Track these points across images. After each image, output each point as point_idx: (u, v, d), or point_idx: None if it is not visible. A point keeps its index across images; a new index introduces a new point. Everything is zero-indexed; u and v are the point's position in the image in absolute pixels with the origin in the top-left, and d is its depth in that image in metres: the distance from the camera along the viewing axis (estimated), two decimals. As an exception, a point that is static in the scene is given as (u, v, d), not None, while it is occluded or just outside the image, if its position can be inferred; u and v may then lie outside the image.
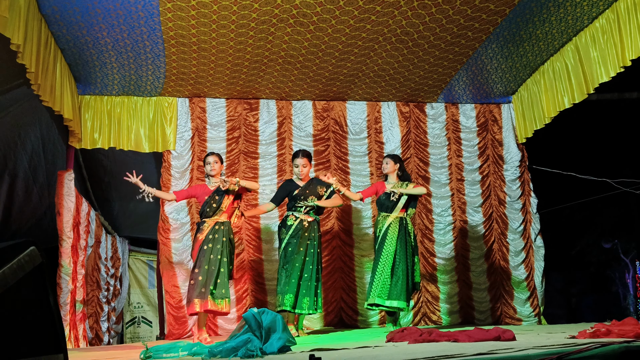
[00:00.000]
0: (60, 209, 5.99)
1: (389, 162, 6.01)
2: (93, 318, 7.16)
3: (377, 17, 5.53)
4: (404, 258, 5.70)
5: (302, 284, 5.55)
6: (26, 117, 5.81)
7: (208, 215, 5.50)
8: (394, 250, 5.70)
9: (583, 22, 5.80)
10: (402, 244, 5.73)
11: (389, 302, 5.58)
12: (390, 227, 5.77)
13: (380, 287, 5.61)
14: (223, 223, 5.49)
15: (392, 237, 5.74)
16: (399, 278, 5.63)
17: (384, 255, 5.69)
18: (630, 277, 13.25)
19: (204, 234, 5.42)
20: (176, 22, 5.43)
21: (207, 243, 5.37)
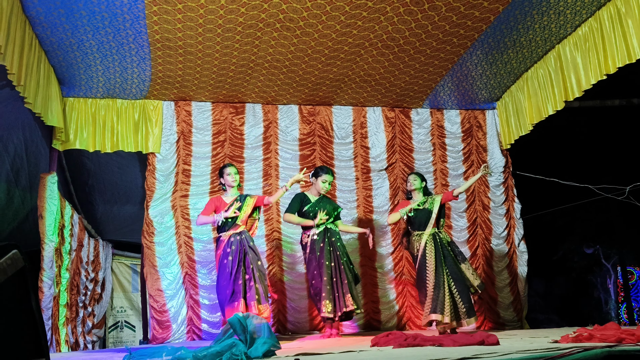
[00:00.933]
0: (42, 212, 5.92)
1: (416, 179, 5.93)
2: (73, 323, 7.09)
3: (364, 22, 5.55)
4: (452, 272, 5.55)
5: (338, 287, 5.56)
6: (9, 118, 5.75)
7: (224, 230, 5.52)
8: (434, 267, 5.55)
9: (566, 30, 5.87)
10: (441, 260, 5.57)
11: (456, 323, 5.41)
12: (427, 245, 5.67)
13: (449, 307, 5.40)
14: (240, 233, 5.49)
15: (430, 255, 5.62)
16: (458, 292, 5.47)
17: (430, 273, 5.55)
18: (612, 283, 13.40)
19: (221, 249, 5.45)
20: (162, 25, 5.41)
21: (226, 258, 5.37)
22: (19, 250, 2.47)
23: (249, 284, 5.31)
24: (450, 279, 5.54)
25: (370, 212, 7.22)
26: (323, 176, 5.93)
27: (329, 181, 5.94)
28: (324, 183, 5.91)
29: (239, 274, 5.31)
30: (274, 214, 6.98)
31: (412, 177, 5.99)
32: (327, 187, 5.93)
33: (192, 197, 6.81)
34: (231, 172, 5.65)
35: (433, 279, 5.53)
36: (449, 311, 5.39)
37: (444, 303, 5.41)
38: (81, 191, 7.89)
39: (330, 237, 5.77)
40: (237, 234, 5.49)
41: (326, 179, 5.92)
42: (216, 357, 3.37)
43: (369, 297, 7.01)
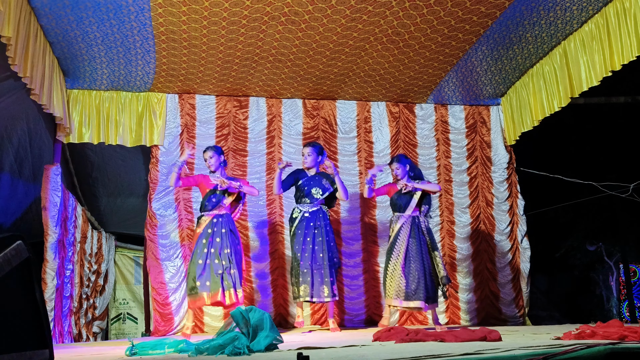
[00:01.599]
0: (46, 203, 5.93)
1: (399, 167, 5.85)
2: (77, 314, 7.12)
3: (369, 17, 5.54)
4: (420, 257, 5.58)
5: (316, 273, 5.60)
6: (13, 110, 5.75)
7: (207, 209, 5.55)
8: (405, 249, 5.59)
9: (572, 26, 5.85)
10: (414, 243, 5.61)
11: (409, 303, 5.50)
12: (403, 227, 5.70)
13: (395, 288, 5.53)
14: (222, 215, 5.52)
15: (403, 237, 5.65)
16: (414, 277, 5.50)
17: (395, 255, 5.63)
18: (614, 280, 13.38)
19: (202, 227, 5.44)
20: (167, 17, 5.40)
21: (205, 238, 5.37)
22: (23, 242, 2.48)
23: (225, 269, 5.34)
24: (414, 262, 5.56)
25: (373, 207, 7.21)
26: (302, 149, 6.05)
27: (305, 153, 5.93)
28: (302, 156, 5.99)
29: (214, 257, 5.32)
30: (277, 208, 6.98)
31: (394, 166, 5.90)
32: (304, 159, 5.92)
33: (195, 190, 6.80)
34: (206, 157, 5.69)
35: (396, 262, 5.59)
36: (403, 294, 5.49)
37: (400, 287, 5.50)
38: (85, 183, 7.91)
39: (322, 219, 5.78)
40: (219, 215, 5.53)
41: (302, 152, 5.98)
42: (218, 350, 3.38)
43: (370, 292, 7.02)
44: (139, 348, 3.85)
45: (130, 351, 3.81)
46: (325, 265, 5.65)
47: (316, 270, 5.63)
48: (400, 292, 5.51)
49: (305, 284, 5.60)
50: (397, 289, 5.53)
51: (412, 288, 5.50)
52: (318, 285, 5.61)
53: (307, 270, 5.62)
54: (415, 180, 5.85)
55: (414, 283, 5.52)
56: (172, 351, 3.81)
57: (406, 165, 5.89)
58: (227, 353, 3.32)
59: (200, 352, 3.43)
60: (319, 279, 5.61)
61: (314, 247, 5.68)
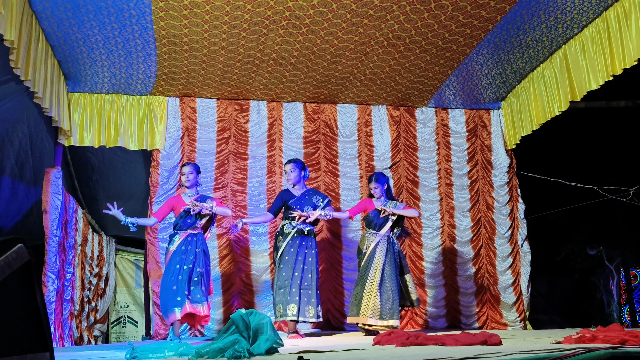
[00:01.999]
0: (46, 206, 5.93)
1: (378, 186, 5.90)
2: (79, 318, 7.11)
3: (370, 20, 5.55)
4: (394, 277, 5.65)
5: (303, 293, 5.55)
6: (14, 113, 5.75)
7: (181, 229, 5.47)
8: (382, 268, 5.64)
9: (573, 30, 5.86)
10: (390, 263, 5.68)
11: (382, 322, 5.50)
12: (378, 245, 5.73)
13: (371, 307, 5.54)
14: (196, 235, 5.46)
15: (380, 255, 5.69)
16: (389, 297, 5.57)
17: (372, 273, 5.63)
18: (615, 284, 13.36)
19: (176, 245, 5.38)
20: (168, 21, 5.41)
21: (178, 255, 5.33)
22: (24, 244, 2.47)
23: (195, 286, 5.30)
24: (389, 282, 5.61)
25: (373, 211, 7.21)
26: (284, 167, 5.96)
27: (287, 170, 5.84)
28: (285, 174, 5.91)
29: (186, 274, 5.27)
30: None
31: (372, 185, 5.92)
32: (287, 177, 5.85)
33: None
34: (185, 171, 5.57)
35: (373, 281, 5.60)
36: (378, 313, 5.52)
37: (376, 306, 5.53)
38: (85, 186, 7.91)
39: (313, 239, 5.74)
40: (194, 234, 5.45)
41: (285, 169, 5.88)
42: (219, 353, 3.37)
43: (371, 296, 7.01)
44: (139, 351, 3.84)
45: (131, 354, 3.81)
46: (313, 286, 5.62)
47: (303, 290, 5.58)
48: (376, 311, 5.54)
49: (294, 303, 5.52)
50: (373, 308, 5.55)
51: (387, 308, 5.55)
52: (304, 306, 5.55)
53: (296, 289, 5.55)
54: (392, 201, 5.91)
55: (389, 302, 5.57)
56: (173, 355, 3.80)
57: (384, 184, 5.95)
58: (228, 356, 3.31)
59: (200, 355, 3.43)
60: (305, 299, 5.56)
61: (303, 267, 5.61)
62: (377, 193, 5.92)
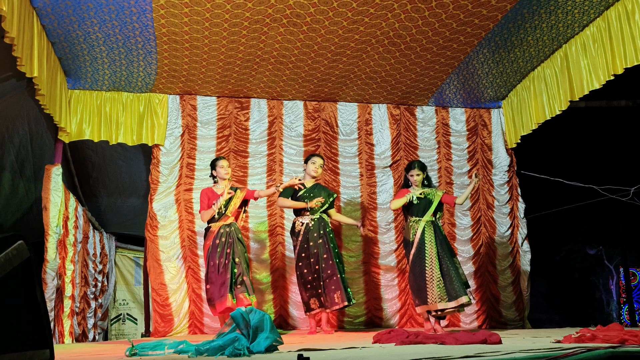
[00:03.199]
0: (47, 203, 5.94)
1: (419, 173, 5.84)
2: (81, 315, 7.11)
3: (371, 19, 5.54)
4: (449, 258, 5.59)
5: (328, 283, 5.64)
6: (14, 110, 5.76)
7: (213, 221, 5.63)
8: (436, 252, 5.58)
9: (574, 29, 5.85)
10: (442, 245, 5.62)
11: (452, 303, 5.43)
12: (425, 231, 5.68)
13: (437, 292, 5.46)
14: (229, 225, 5.61)
15: (430, 240, 5.64)
16: (451, 278, 5.49)
17: (428, 260, 5.56)
18: (614, 284, 13.38)
19: (210, 238, 5.56)
20: (169, 19, 5.40)
21: (214, 249, 5.49)
22: (24, 241, 2.47)
23: (237, 277, 5.46)
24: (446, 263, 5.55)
25: (374, 209, 7.22)
26: (312, 158, 6.05)
27: (318, 163, 5.99)
28: (314, 164, 5.97)
29: (227, 267, 5.42)
30: (278, 209, 6.98)
31: (415, 172, 5.89)
32: (316, 168, 5.97)
33: (196, 191, 6.81)
34: (224, 164, 5.82)
35: (432, 266, 5.54)
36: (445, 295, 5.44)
37: (442, 289, 5.46)
38: (85, 183, 7.91)
39: (324, 228, 5.82)
40: (226, 225, 5.62)
41: (315, 161, 6.00)
42: (218, 351, 3.37)
43: (371, 294, 7.01)
44: (138, 349, 3.84)
45: (130, 352, 3.81)
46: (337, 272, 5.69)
47: (327, 280, 5.66)
48: (444, 294, 5.47)
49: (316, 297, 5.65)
50: (440, 293, 5.47)
51: (453, 288, 5.47)
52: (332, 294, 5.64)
53: (318, 282, 5.66)
54: (431, 189, 5.89)
55: (453, 282, 5.48)
56: (172, 352, 3.81)
57: (425, 172, 5.92)
58: (227, 354, 3.31)
59: (200, 353, 3.43)
60: (333, 287, 5.64)
61: (323, 257, 5.71)
62: (416, 181, 5.85)
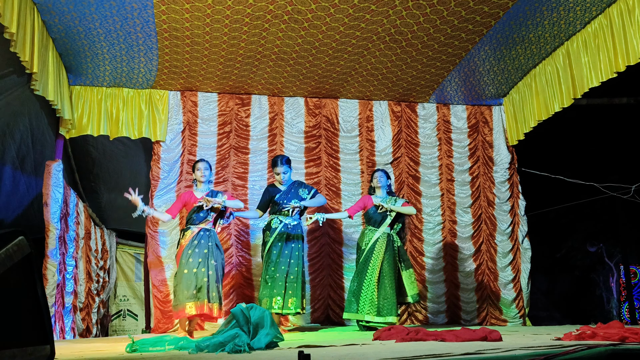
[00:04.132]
0: (47, 199, 5.93)
1: (382, 176, 5.95)
2: (85, 310, 7.12)
3: (372, 16, 5.53)
4: (392, 273, 5.66)
5: (289, 286, 5.59)
6: (15, 106, 5.75)
7: (194, 223, 5.47)
8: (380, 264, 5.66)
9: (575, 26, 5.84)
10: (389, 259, 5.69)
11: (380, 319, 5.52)
12: (377, 242, 5.75)
13: (368, 303, 5.57)
14: (209, 230, 5.47)
15: (378, 252, 5.71)
16: (387, 293, 5.58)
17: (370, 269, 5.65)
18: (614, 281, 13.37)
19: (187, 239, 5.39)
20: (170, 15, 5.40)
21: (191, 249, 5.33)
22: (25, 237, 2.48)
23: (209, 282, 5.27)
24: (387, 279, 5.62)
25: (374, 206, 7.20)
26: (275, 169, 5.85)
27: (281, 171, 5.79)
28: (277, 175, 5.84)
29: (200, 267, 5.27)
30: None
31: (379, 174, 5.98)
32: (280, 178, 5.82)
33: (197, 188, 6.82)
34: (201, 167, 5.58)
35: (371, 276, 5.62)
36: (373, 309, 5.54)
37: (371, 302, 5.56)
38: (86, 179, 7.91)
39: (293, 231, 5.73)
40: (206, 229, 5.45)
41: (278, 171, 5.81)
42: (219, 347, 3.37)
43: (371, 291, 7.01)
44: (139, 345, 3.85)
45: (131, 348, 3.81)
46: (299, 279, 5.65)
47: (289, 283, 5.62)
48: (374, 307, 5.56)
49: (279, 296, 5.57)
50: (371, 305, 5.56)
51: (385, 304, 5.56)
52: (288, 298, 5.59)
53: (282, 283, 5.60)
54: (392, 197, 5.93)
55: (387, 299, 5.57)
56: (173, 348, 3.81)
57: (387, 180, 5.98)
58: (228, 350, 3.31)
59: (200, 349, 3.43)
60: (290, 292, 5.60)
61: (289, 261, 5.65)
62: (378, 184, 5.91)
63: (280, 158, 5.87)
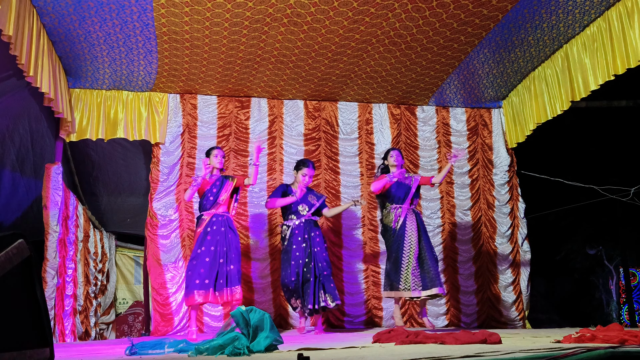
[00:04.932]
0: (47, 202, 5.93)
1: (399, 155, 5.96)
2: (84, 313, 7.11)
3: (371, 19, 5.54)
4: (429, 246, 5.67)
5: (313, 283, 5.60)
6: (15, 109, 5.75)
7: (206, 208, 5.58)
8: (417, 240, 5.64)
9: (574, 29, 5.85)
10: (422, 233, 5.70)
11: (427, 292, 5.49)
12: (407, 218, 5.73)
13: (412, 279, 5.51)
14: (222, 214, 5.56)
15: (411, 227, 5.69)
16: (429, 267, 5.56)
17: (407, 246, 5.62)
18: (614, 284, 13.37)
19: (202, 226, 5.49)
20: (169, 18, 5.40)
21: (207, 235, 5.41)
22: (24, 240, 2.47)
23: (223, 267, 5.37)
24: (425, 252, 5.63)
25: (374, 209, 7.21)
26: (303, 170, 5.91)
27: (309, 175, 5.90)
28: (304, 177, 5.89)
29: (216, 258, 5.36)
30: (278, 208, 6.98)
31: (395, 153, 5.97)
32: (306, 180, 5.89)
33: (197, 191, 6.82)
34: (218, 154, 5.71)
35: (409, 253, 5.59)
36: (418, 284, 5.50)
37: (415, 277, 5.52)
38: (85, 182, 7.90)
39: (309, 232, 5.76)
40: (218, 214, 5.55)
41: (306, 173, 5.88)
42: (218, 350, 3.37)
43: (371, 294, 7.02)
44: (138, 347, 3.85)
45: (130, 350, 3.81)
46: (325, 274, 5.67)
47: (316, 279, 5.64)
48: (418, 283, 5.51)
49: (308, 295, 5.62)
50: (414, 281, 5.53)
51: (429, 277, 5.53)
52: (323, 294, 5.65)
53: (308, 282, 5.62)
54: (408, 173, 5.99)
55: (430, 272, 5.55)
56: (172, 351, 3.81)
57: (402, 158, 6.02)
58: (227, 353, 3.31)
59: (200, 352, 3.43)
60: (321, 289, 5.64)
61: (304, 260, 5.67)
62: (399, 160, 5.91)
63: (311, 162, 6.00)
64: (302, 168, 5.93)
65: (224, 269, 5.40)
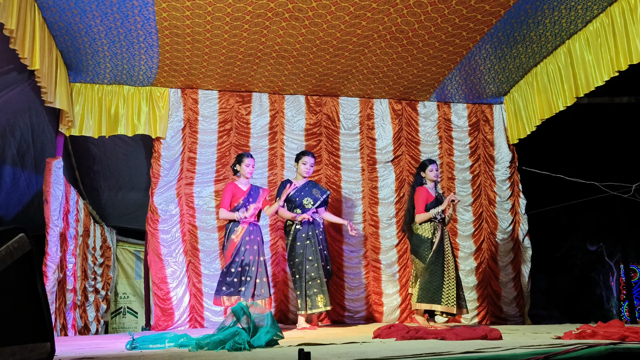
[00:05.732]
0: (47, 196, 5.94)
1: (438, 169, 6.01)
2: (82, 308, 7.12)
3: (373, 14, 5.52)
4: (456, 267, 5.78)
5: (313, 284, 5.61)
6: (16, 103, 5.74)
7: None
8: (453, 258, 5.76)
9: (577, 25, 5.83)
10: (452, 252, 5.81)
11: (463, 310, 5.65)
12: (445, 235, 5.81)
13: (453, 295, 5.56)
14: (255, 225, 5.65)
15: (447, 245, 5.78)
16: (461, 287, 5.78)
17: (446, 263, 5.67)
18: (614, 280, 13.39)
19: (239, 235, 5.52)
20: (170, 12, 5.39)
21: (244, 245, 5.49)
22: (25, 234, 2.47)
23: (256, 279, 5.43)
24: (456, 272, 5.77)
25: (375, 204, 7.21)
26: (303, 158, 5.95)
27: (309, 163, 5.93)
28: (305, 165, 5.92)
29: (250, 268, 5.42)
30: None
31: (435, 167, 5.95)
32: (307, 168, 5.92)
33: (197, 185, 6.82)
34: (250, 163, 5.75)
35: (448, 269, 5.66)
36: (453, 301, 5.57)
37: (452, 294, 5.58)
38: (86, 177, 7.91)
39: (314, 230, 5.76)
40: (253, 224, 5.64)
41: (306, 161, 5.92)
42: (219, 345, 3.38)
43: (371, 289, 7.02)
44: (139, 342, 3.86)
45: (131, 345, 3.82)
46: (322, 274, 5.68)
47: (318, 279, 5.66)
48: (454, 300, 5.57)
49: (322, 293, 5.62)
50: (456, 297, 5.58)
51: (463, 297, 5.73)
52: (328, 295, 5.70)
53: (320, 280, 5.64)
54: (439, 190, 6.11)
55: (462, 292, 5.75)
56: (173, 345, 3.82)
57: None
58: (228, 348, 3.32)
59: (200, 347, 3.44)
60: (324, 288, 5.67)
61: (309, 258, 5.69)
62: (436, 176, 5.95)
63: (310, 152, 6.07)
64: (302, 157, 5.97)
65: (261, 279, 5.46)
